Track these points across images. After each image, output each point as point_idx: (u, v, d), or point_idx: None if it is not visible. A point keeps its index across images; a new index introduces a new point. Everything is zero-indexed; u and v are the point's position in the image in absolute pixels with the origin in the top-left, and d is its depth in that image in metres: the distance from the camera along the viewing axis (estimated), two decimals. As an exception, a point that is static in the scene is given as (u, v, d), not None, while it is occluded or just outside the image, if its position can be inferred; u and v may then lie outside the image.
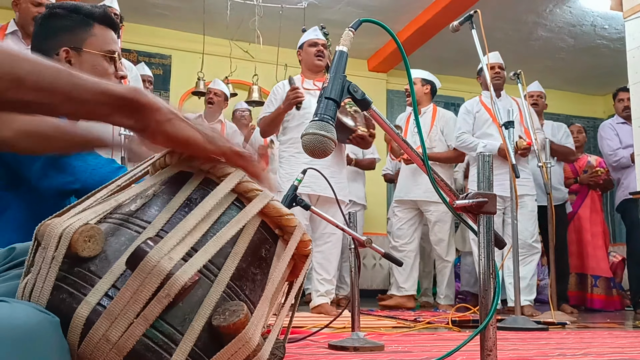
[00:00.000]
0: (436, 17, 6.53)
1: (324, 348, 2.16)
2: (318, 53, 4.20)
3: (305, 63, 4.29)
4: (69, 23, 1.53)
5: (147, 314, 0.70)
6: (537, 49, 7.79)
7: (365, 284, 7.29)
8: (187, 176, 0.84)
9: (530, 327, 3.14)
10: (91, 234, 0.74)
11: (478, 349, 1.16)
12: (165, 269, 0.71)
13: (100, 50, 1.54)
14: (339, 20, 6.72)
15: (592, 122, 9.35)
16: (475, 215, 1.20)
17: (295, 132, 4.06)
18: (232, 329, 0.73)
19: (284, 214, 0.85)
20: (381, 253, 2.25)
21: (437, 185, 1.21)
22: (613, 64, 7.88)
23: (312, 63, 4.21)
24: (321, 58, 4.20)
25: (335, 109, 1.18)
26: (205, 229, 0.78)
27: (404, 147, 1.26)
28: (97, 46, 1.54)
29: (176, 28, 7.32)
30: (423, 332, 2.89)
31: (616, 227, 8.52)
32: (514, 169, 3.30)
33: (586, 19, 7.08)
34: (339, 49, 1.24)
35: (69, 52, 1.50)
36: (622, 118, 5.40)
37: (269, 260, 0.86)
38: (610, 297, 5.56)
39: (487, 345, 1.15)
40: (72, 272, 0.74)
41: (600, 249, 5.63)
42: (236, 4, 6.07)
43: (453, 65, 8.21)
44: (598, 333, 3.04)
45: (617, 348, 2.32)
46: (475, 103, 5.06)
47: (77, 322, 0.70)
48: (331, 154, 1.15)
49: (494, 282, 1.18)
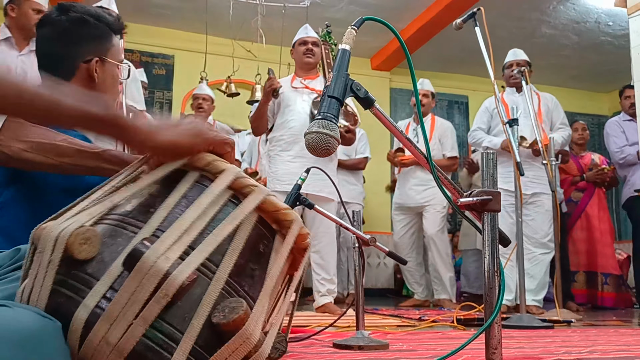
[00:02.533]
0: (439, 15, 6.52)
1: (328, 347, 2.15)
2: (307, 51, 4.21)
3: (296, 61, 4.32)
4: (96, 32, 1.54)
5: (146, 314, 0.70)
6: (541, 46, 7.76)
7: (370, 283, 7.29)
8: (182, 174, 0.84)
9: (535, 325, 3.13)
10: (87, 236, 0.74)
11: (483, 347, 1.16)
12: (163, 269, 0.70)
13: (117, 59, 1.59)
14: (341, 18, 6.71)
15: (597, 119, 9.33)
16: (479, 213, 1.20)
17: (278, 131, 4.07)
18: (232, 325, 0.73)
19: (280, 209, 0.85)
20: (385, 251, 2.24)
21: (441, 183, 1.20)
22: (617, 61, 7.85)
23: (302, 61, 4.23)
24: (310, 56, 4.20)
25: (338, 107, 1.17)
26: (201, 227, 0.77)
27: (407, 146, 1.25)
28: (115, 56, 1.58)
29: (179, 28, 7.33)
30: (428, 331, 2.88)
31: (622, 224, 8.49)
32: (518, 166, 3.29)
33: (590, 16, 7.05)
34: (341, 48, 1.23)
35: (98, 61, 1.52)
36: (628, 115, 5.38)
37: (267, 256, 0.85)
38: (620, 294, 5.53)
39: (492, 343, 1.15)
40: (69, 275, 0.74)
41: (608, 247, 5.60)
42: (239, 3, 6.07)
43: (456, 63, 8.20)
44: (604, 331, 3.02)
45: (622, 345, 2.31)
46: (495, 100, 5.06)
47: (76, 326, 0.70)
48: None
49: (498, 280, 1.17)
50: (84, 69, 1.50)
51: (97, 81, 1.50)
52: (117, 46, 1.59)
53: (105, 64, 1.54)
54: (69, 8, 1.52)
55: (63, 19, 1.51)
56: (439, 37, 7.09)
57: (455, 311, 3.43)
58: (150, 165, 0.89)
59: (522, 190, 4.34)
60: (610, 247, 5.63)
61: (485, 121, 4.99)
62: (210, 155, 0.84)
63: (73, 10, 1.51)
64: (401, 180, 5.48)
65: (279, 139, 4.07)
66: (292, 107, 4.04)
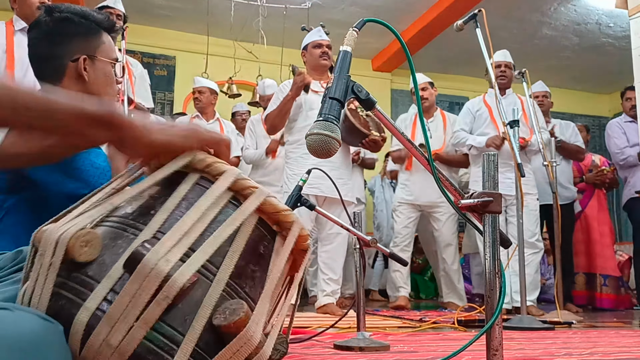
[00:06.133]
0: (440, 16, 6.52)
1: (329, 348, 2.15)
2: (323, 54, 4.20)
3: (310, 64, 4.28)
4: (82, 30, 1.52)
5: (147, 316, 0.70)
6: (542, 47, 7.76)
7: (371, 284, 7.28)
8: (183, 176, 0.84)
9: (536, 327, 3.13)
10: (88, 238, 0.74)
11: (484, 349, 1.16)
12: (163, 271, 0.70)
13: (108, 57, 1.56)
14: (342, 20, 6.72)
15: (597, 120, 9.33)
16: (480, 215, 1.20)
17: (302, 133, 4.05)
18: (233, 327, 0.73)
19: (280, 210, 0.85)
20: (386, 253, 2.24)
21: (442, 185, 1.20)
22: (618, 62, 7.85)
23: (318, 64, 4.21)
24: (326, 59, 4.21)
25: (339, 108, 1.17)
26: (202, 229, 0.77)
27: (408, 147, 1.25)
28: (106, 54, 1.56)
29: (180, 29, 7.34)
30: (429, 332, 2.88)
31: (622, 225, 8.49)
32: (519, 168, 3.29)
33: (591, 17, 7.05)
34: (343, 49, 1.23)
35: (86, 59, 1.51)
36: (629, 117, 5.37)
37: (268, 257, 0.85)
38: (619, 296, 5.53)
39: (493, 344, 1.15)
40: (70, 277, 0.73)
41: (608, 248, 5.60)
42: (240, 4, 6.08)
43: (457, 64, 8.20)
44: (604, 332, 3.02)
45: (623, 347, 2.31)
46: (477, 102, 5.06)
47: (77, 328, 0.70)
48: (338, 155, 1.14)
49: (499, 281, 1.17)
50: (72, 68, 1.49)
51: (88, 80, 1.49)
52: (109, 44, 1.56)
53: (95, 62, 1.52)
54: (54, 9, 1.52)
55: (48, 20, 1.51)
56: (440, 38, 7.10)
57: (457, 312, 3.43)
58: (151, 167, 0.89)
59: (507, 192, 4.35)
60: (609, 249, 5.62)
61: (468, 122, 4.98)
62: (210, 157, 0.84)
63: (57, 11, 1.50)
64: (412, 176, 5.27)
65: (303, 141, 4.05)
66: (315, 111, 4.02)
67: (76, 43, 1.51)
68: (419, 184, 5.15)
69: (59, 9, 1.52)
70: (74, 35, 1.52)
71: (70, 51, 1.51)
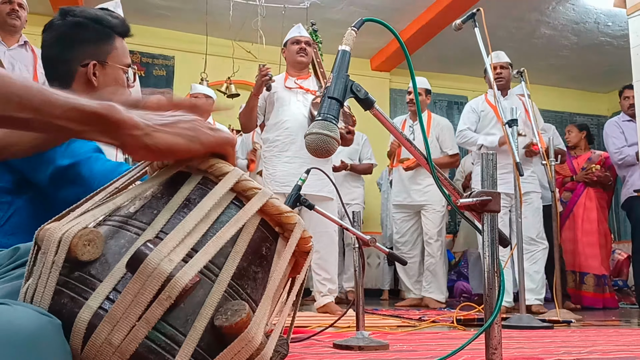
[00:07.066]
0: (439, 15, 6.52)
1: (328, 347, 2.16)
2: (300, 50, 4.18)
3: (288, 60, 4.29)
4: (94, 35, 1.51)
5: (149, 316, 0.70)
6: (541, 47, 7.77)
7: (370, 283, 7.29)
8: (186, 176, 0.84)
9: (535, 326, 3.13)
10: (90, 237, 0.74)
11: (483, 348, 1.16)
12: (166, 271, 0.70)
13: (120, 63, 1.54)
14: (341, 19, 6.72)
15: (596, 119, 9.33)
16: (479, 214, 1.20)
17: (273, 131, 4.05)
18: (234, 328, 0.73)
19: (283, 212, 0.85)
20: (385, 252, 2.25)
21: (441, 184, 1.21)
22: (617, 61, 7.85)
23: (295, 60, 4.20)
24: (303, 55, 4.19)
25: (338, 108, 1.17)
26: (204, 229, 0.77)
27: (407, 146, 1.25)
28: (118, 60, 1.54)
29: (179, 29, 7.34)
30: (428, 331, 2.89)
31: (621, 224, 8.49)
32: (517, 167, 3.29)
33: (589, 16, 7.05)
34: (341, 48, 1.24)
35: (96, 65, 1.50)
36: (627, 116, 5.38)
37: (270, 259, 0.85)
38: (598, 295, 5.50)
39: (492, 343, 1.15)
40: (72, 276, 0.74)
41: (591, 247, 5.57)
42: (238, 4, 6.08)
43: (456, 63, 8.21)
44: (603, 331, 3.03)
45: (622, 346, 2.31)
46: (481, 102, 5.07)
47: (79, 327, 0.70)
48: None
49: (498, 280, 1.18)
50: (82, 73, 1.48)
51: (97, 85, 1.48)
52: (121, 49, 1.55)
53: (106, 68, 1.51)
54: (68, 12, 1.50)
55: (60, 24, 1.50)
56: (438, 37, 7.10)
57: (456, 311, 3.43)
58: (154, 167, 0.89)
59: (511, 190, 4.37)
60: (594, 247, 5.59)
61: (474, 122, 4.99)
62: (213, 158, 0.85)
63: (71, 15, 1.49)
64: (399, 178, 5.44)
65: (274, 140, 4.05)
66: (287, 107, 4.02)
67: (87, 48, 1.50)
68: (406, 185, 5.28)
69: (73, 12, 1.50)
70: (85, 40, 1.51)
71: (80, 56, 1.50)
